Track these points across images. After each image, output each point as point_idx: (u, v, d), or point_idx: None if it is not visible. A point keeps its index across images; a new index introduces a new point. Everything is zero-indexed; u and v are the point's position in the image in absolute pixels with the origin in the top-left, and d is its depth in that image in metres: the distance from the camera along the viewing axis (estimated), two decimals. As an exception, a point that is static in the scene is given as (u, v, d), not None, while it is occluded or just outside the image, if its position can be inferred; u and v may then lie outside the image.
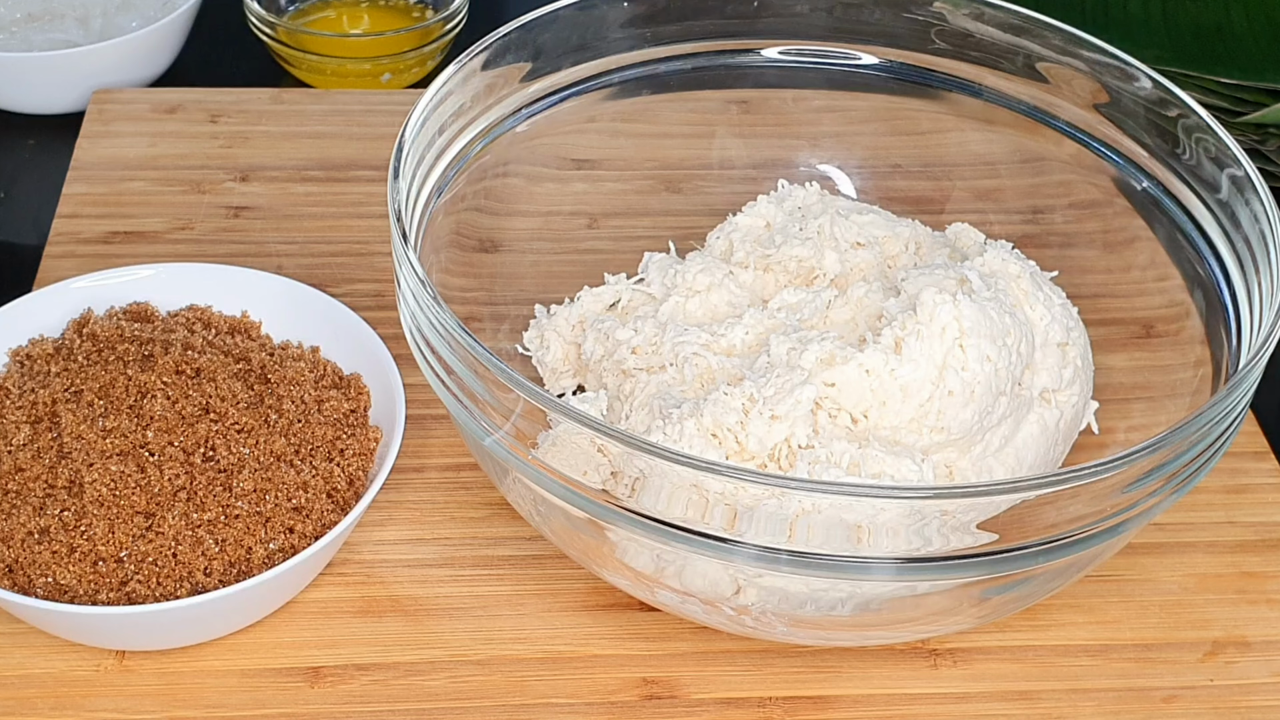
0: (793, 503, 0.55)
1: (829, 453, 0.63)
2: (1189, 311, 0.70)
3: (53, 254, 0.83)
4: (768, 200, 0.78)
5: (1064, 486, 0.55)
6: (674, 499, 0.56)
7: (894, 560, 0.56)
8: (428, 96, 0.68)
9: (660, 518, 0.57)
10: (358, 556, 0.69)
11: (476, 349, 0.58)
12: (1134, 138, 0.73)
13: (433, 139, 0.69)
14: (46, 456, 0.65)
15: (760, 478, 0.55)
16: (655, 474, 0.56)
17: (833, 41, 0.79)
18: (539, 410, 0.58)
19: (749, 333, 0.69)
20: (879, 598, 0.61)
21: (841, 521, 0.55)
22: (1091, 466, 0.55)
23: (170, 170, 0.88)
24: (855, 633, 0.65)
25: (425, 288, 0.60)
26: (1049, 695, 0.66)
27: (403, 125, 0.66)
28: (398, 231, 0.62)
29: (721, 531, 0.56)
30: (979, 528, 0.56)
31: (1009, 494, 0.55)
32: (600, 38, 0.76)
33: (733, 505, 0.56)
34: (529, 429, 0.59)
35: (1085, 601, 0.69)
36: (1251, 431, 0.77)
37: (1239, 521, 0.73)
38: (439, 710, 0.64)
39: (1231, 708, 0.66)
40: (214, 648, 0.65)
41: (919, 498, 0.56)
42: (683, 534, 0.57)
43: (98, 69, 0.94)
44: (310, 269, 0.82)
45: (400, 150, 0.65)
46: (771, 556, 0.56)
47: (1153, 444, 0.56)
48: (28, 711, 0.63)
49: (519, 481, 0.62)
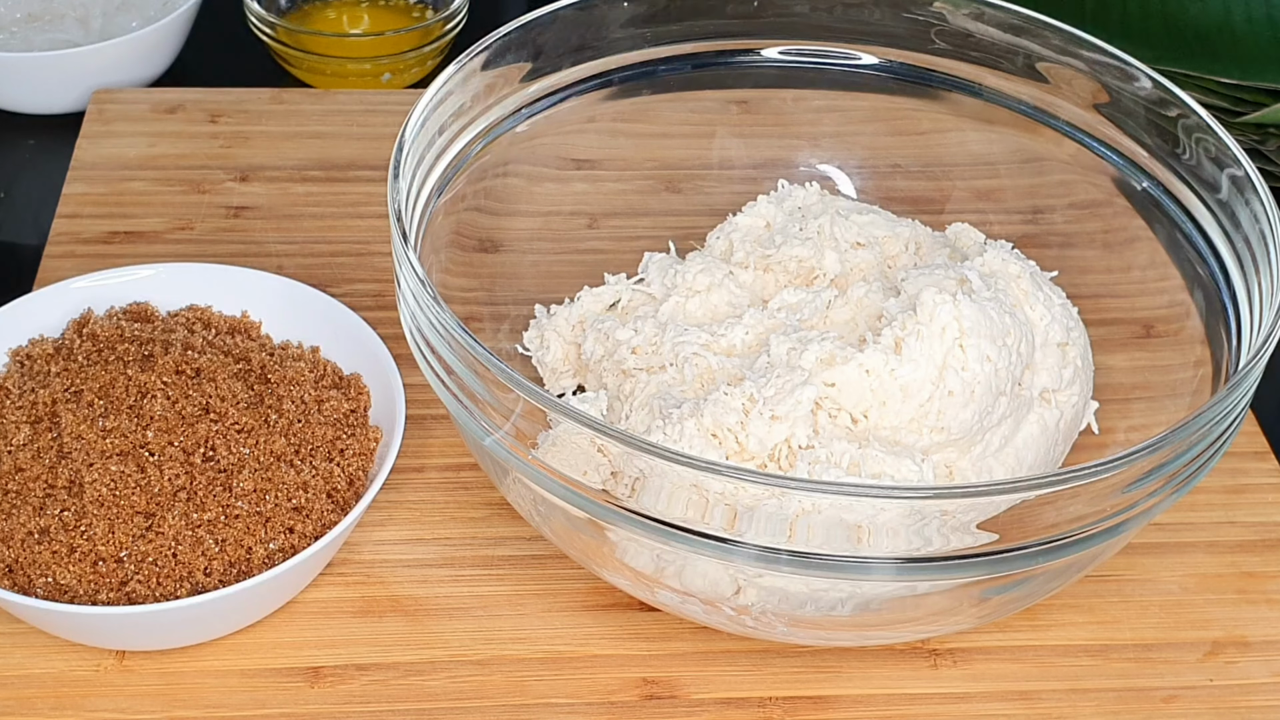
0: (793, 503, 0.55)
1: (829, 453, 0.63)
2: (1189, 311, 0.70)
3: (53, 254, 0.83)
4: (768, 200, 0.78)
5: (1064, 486, 0.55)
6: (674, 499, 0.56)
7: (894, 560, 0.56)
8: (428, 96, 0.68)
9: (660, 518, 0.57)
10: (358, 556, 0.69)
11: (476, 349, 0.58)
12: (1134, 138, 0.73)
13: (433, 139, 0.69)
14: (46, 457, 0.65)
15: (760, 478, 0.55)
16: (655, 474, 0.56)
17: (833, 41, 0.79)
18: (539, 410, 0.58)
19: (749, 333, 0.69)
20: (879, 598, 0.61)
21: (841, 521, 0.55)
22: (1091, 466, 0.55)
23: (170, 170, 0.88)
24: (855, 633, 0.65)
25: (425, 288, 0.60)
26: (1049, 695, 0.66)
27: (403, 125, 0.66)
28: (398, 231, 0.62)
29: (721, 531, 0.56)
30: (979, 528, 0.56)
31: (1009, 494, 0.55)
32: (600, 38, 0.76)
33: (733, 505, 0.56)
34: (529, 429, 0.59)
35: (1085, 601, 0.69)
36: (1251, 431, 0.77)
37: (1239, 521, 0.73)
38: (439, 710, 0.64)
39: (1231, 708, 0.66)
40: (214, 648, 0.65)
41: (919, 498, 0.56)
42: (683, 534, 0.57)
43: (98, 69, 0.94)
44: (310, 269, 0.82)
45: (400, 150, 0.65)
46: (771, 556, 0.56)
47: (1153, 444, 0.56)
48: (28, 711, 0.63)
49: (519, 481, 0.62)
